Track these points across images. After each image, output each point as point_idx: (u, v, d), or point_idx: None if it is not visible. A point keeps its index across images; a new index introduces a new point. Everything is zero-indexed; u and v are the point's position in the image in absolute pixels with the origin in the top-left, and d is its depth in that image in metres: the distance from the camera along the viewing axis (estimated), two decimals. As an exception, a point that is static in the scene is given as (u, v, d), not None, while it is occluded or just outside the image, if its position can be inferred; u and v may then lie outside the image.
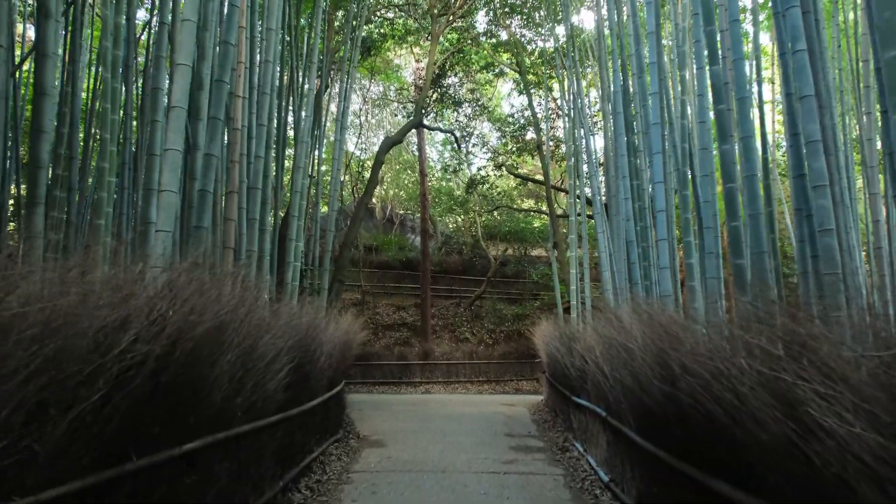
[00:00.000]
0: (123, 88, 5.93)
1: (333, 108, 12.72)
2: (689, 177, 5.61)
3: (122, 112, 6.24)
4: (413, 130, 25.28)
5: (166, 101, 4.46)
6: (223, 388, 3.32)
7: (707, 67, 4.91)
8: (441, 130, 15.51)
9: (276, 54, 6.67)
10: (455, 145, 16.32)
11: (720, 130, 4.48)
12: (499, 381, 17.56)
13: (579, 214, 10.66)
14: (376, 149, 27.77)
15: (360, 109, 22.16)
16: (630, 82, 7.15)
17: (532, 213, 23.11)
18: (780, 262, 5.63)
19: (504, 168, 18.63)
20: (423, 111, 14.44)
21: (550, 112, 17.83)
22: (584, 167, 11.04)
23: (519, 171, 21.31)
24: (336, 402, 7.26)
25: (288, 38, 9.10)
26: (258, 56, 6.52)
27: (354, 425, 8.72)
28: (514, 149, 18.49)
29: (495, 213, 23.74)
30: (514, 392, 16.89)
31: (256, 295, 4.26)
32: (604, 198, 9.62)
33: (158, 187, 3.92)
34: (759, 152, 5.53)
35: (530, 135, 18.67)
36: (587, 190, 10.95)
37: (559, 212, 15.79)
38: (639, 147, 7.26)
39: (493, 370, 17.77)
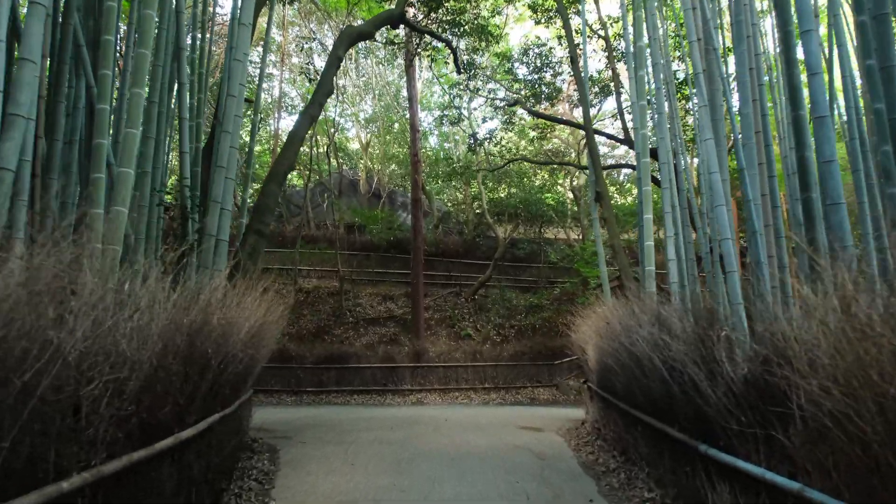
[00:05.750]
0: None
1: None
2: None
3: None
4: (404, 91, 21.38)
5: None
6: None
7: None
8: (433, 35, 11.61)
9: None
10: (454, 65, 12.47)
11: None
12: (509, 388, 14.01)
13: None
14: (361, 116, 23.91)
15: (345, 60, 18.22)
16: None
17: (560, 166, 19.12)
18: None
19: (518, 105, 14.69)
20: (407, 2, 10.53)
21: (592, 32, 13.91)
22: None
23: (536, 131, 17.29)
24: (196, 458, 3.40)
25: None
26: None
27: (270, 484, 4.87)
28: (528, 95, 14.60)
29: (502, 187, 19.86)
30: (529, 402, 13.27)
31: None
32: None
33: None
34: None
35: (549, 78, 14.79)
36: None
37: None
38: None
39: (501, 375, 14.16)
